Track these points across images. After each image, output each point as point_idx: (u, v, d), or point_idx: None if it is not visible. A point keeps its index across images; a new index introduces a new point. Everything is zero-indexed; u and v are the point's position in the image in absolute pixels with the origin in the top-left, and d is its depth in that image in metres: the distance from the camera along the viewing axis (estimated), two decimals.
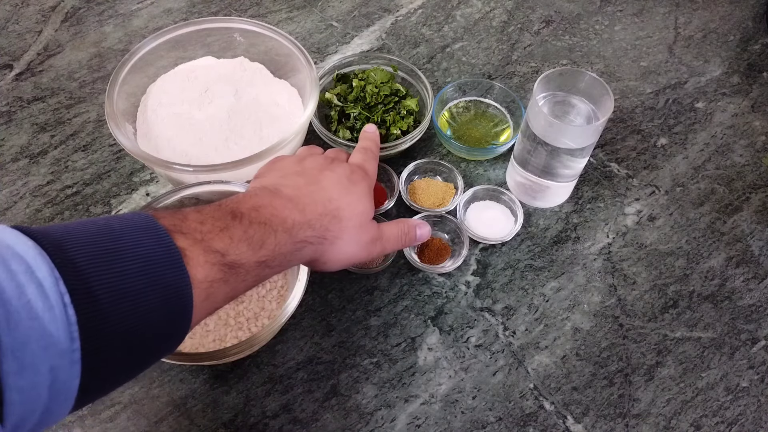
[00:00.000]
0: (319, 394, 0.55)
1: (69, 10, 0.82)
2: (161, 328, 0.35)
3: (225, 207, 0.41)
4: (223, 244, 0.38)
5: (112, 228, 0.34)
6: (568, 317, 0.60)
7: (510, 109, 0.72)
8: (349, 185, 0.49)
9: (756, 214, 0.67)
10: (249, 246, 0.40)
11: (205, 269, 0.36)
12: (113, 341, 0.32)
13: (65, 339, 0.29)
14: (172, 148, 0.63)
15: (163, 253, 0.35)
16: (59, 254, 0.31)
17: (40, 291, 0.29)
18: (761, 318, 0.61)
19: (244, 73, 0.69)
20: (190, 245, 0.36)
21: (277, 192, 0.46)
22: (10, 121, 0.71)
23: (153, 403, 0.54)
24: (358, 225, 0.48)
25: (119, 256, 0.33)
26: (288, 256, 0.43)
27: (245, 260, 0.39)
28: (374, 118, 0.68)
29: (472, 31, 0.82)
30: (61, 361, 0.29)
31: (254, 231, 0.41)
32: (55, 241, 0.31)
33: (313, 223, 0.45)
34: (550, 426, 0.55)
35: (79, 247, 0.32)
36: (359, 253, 0.49)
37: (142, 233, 0.35)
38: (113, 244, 0.33)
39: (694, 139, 0.73)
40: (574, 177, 0.64)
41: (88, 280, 0.31)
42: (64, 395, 0.30)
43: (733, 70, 0.79)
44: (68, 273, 0.30)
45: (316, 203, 0.46)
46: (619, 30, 0.83)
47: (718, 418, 0.55)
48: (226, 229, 0.39)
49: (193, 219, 0.38)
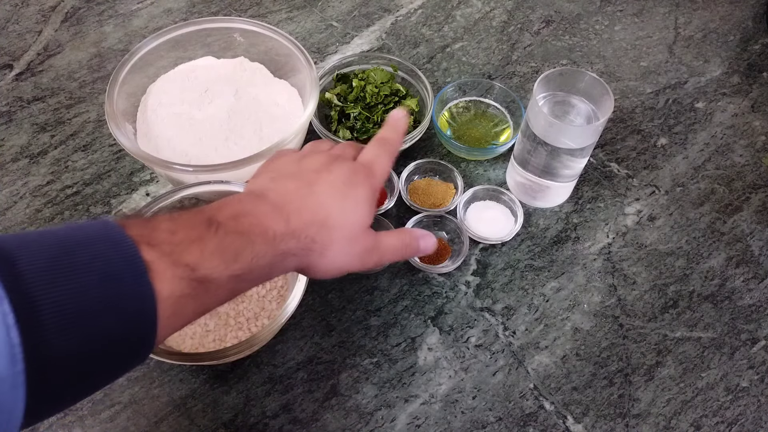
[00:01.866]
0: (319, 394, 0.55)
1: (69, 10, 0.82)
2: (121, 347, 0.33)
3: (202, 215, 0.39)
4: (193, 258, 0.35)
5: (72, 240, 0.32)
6: (568, 317, 0.60)
7: (510, 109, 0.72)
8: (346, 190, 0.45)
9: (756, 214, 0.67)
10: (222, 259, 0.37)
11: (172, 284, 0.34)
12: (63, 363, 0.30)
13: (7, 362, 0.27)
14: (172, 148, 0.63)
15: (126, 266, 0.32)
16: (8, 269, 0.29)
17: None
18: (761, 318, 0.61)
19: (244, 73, 0.69)
20: (157, 257, 0.34)
21: (262, 197, 0.43)
22: (10, 121, 0.71)
23: (153, 403, 0.54)
24: (350, 235, 0.44)
25: (75, 271, 0.31)
26: (268, 268, 0.40)
27: (217, 275, 0.37)
28: (374, 118, 0.68)
29: (472, 31, 0.82)
30: (1, 384, 0.28)
31: (230, 242, 0.38)
32: (6, 254, 0.30)
33: (298, 234, 0.42)
34: (550, 426, 0.55)
35: (32, 261, 0.30)
36: (351, 263, 0.45)
37: (105, 245, 0.33)
38: (70, 259, 0.31)
39: (694, 139, 0.73)
40: (574, 177, 0.64)
41: (36, 300, 0.29)
42: (6, 418, 0.29)
43: (733, 70, 0.79)
44: (14, 291, 0.28)
45: (303, 211, 0.42)
46: (619, 30, 0.83)
47: (718, 418, 0.55)
48: (198, 241, 0.36)
49: (164, 229, 0.36)
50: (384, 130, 0.51)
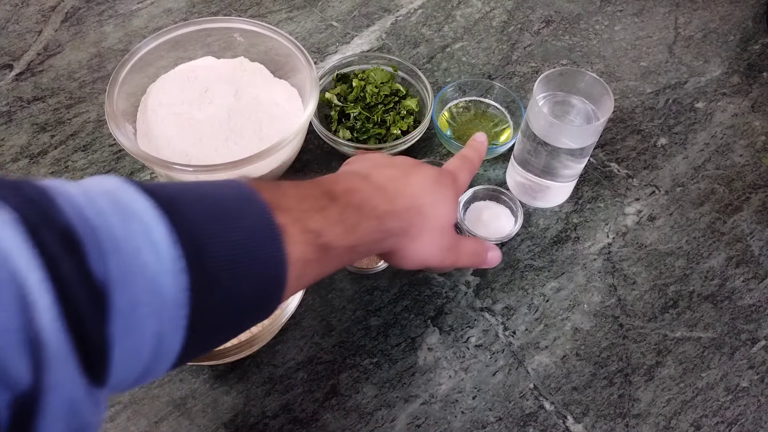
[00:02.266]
0: (319, 394, 0.55)
1: (69, 10, 0.82)
2: (256, 300, 0.34)
3: (321, 186, 0.41)
4: (319, 225, 0.38)
5: (220, 195, 0.34)
6: (568, 317, 0.60)
7: (510, 109, 0.72)
8: (436, 186, 0.48)
9: (756, 214, 0.67)
10: (344, 229, 0.39)
11: (301, 248, 0.36)
12: (217, 309, 0.31)
13: (175, 305, 0.29)
14: (172, 148, 0.63)
15: (265, 227, 0.34)
16: (176, 216, 0.30)
17: (155, 253, 0.28)
18: (761, 318, 0.61)
19: (244, 73, 0.69)
20: (289, 222, 0.36)
21: (368, 178, 0.45)
22: (10, 121, 0.71)
23: (153, 403, 0.54)
24: (440, 227, 0.47)
25: (228, 224, 0.32)
26: (373, 244, 0.43)
27: (338, 243, 0.39)
28: (374, 118, 0.68)
29: (472, 31, 0.82)
30: (167, 326, 0.29)
31: (348, 214, 0.40)
32: (172, 201, 0.30)
33: (401, 214, 0.44)
34: (550, 426, 0.55)
35: (193, 210, 0.31)
36: (435, 256, 0.48)
37: (246, 205, 0.34)
38: (222, 212, 0.33)
39: (694, 139, 0.73)
40: (574, 177, 0.64)
41: (201, 247, 0.30)
42: (164, 359, 0.30)
43: (733, 70, 0.79)
44: (183, 237, 0.29)
45: (404, 196, 0.45)
46: (619, 30, 0.83)
47: (718, 418, 0.55)
48: (323, 210, 0.39)
49: (292, 195, 0.38)
50: (466, 149, 0.55)
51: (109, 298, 0.26)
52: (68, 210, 0.27)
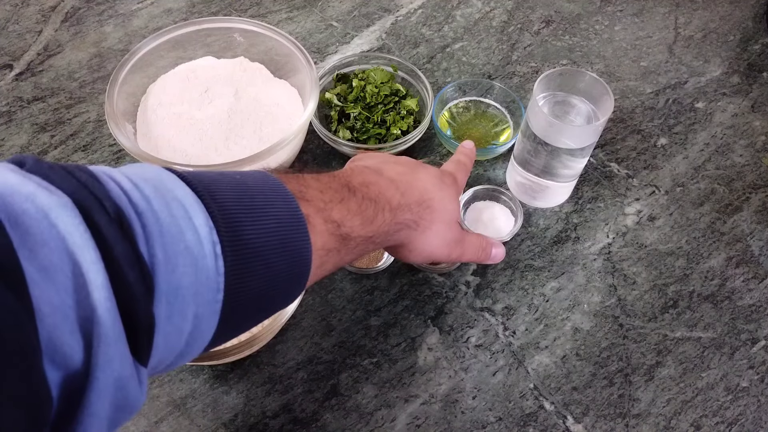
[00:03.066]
0: (319, 394, 0.55)
1: (69, 10, 0.82)
2: (282, 287, 0.35)
3: (339, 179, 0.42)
4: (340, 215, 0.39)
5: (249, 184, 0.35)
6: (568, 317, 0.60)
7: (510, 109, 0.72)
8: (441, 183, 0.50)
9: (756, 214, 0.67)
10: (362, 220, 0.41)
11: (323, 237, 0.37)
12: (248, 294, 0.32)
13: (212, 289, 0.30)
14: (172, 148, 0.63)
15: (291, 216, 0.35)
16: (212, 203, 0.31)
17: (195, 238, 0.29)
18: (761, 318, 0.61)
19: (244, 73, 0.69)
20: (313, 213, 0.37)
21: (380, 173, 0.47)
22: (10, 121, 0.72)
23: (153, 403, 0.54)
24: (447, 221, 0.49)
25: (258, 212, 0.33)
26: (387, 235, 0.44)
27: (356, 233, 0.40)
28: (374, 118, 0.68)
29: (472, 31, 0.82)
30: (205, 309, 0.30)
31: (366, 206, 0.42)
32: (207, 188, 0.32)
33: (412, 207, 0.46)
34: (550, 426, 0.55)
35: (227, 198, 0.32)
36: (442, 249, 0.49)
37: (273, 194, 0.35)
38: (252, 201, 0.34)
39: (694, 139, 0.73)
40: (574, 177, 0.64)
41: (236, 233, 0.31)
42: (200, 342, 0.31)
43: (733, 70, 0.79)
44: (220, 223, 0.30)
45: (414, 190, 0.47)
46: (619, 30, 0.83)
47: (718, 418, 0.55)
48: (343, 201, 0.40)
49: (314, 187, 0.39)
50: (457, 154, 0.57)
51: (156, 279, 0.27)
52: (117, 194, 0.28)
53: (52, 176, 0.27)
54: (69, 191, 0.26)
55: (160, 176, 0.31)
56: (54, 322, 0.24)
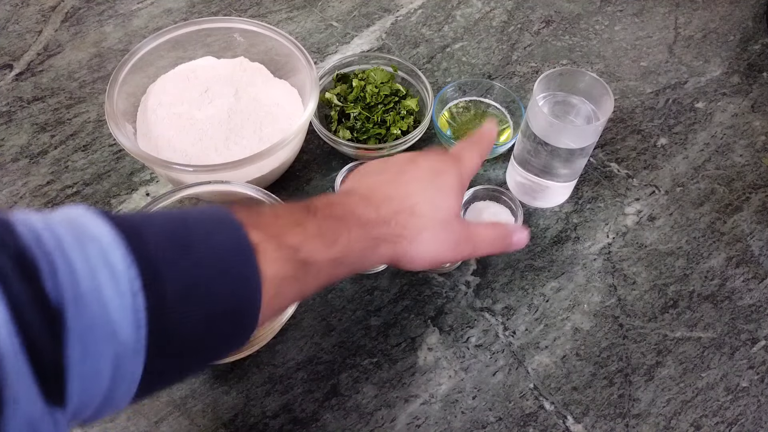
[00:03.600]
0: (319, 394, 0.55)
1: (69, 10, 0.82)
2: (227, 324, 0.34)
3: (299, 204, 0.41)
4: (296, 240, 0.37)
5: (188, 218, 0.34)
6: (568, 317, 0.60)
7: (510, 109, 0.72)
8: (433, 177, 0.46)
9: (756, 214, 0.67)
10: (323, 242, 0.39)
11: (276, 265, 0.35)
12: (179, 332, 0.31)
13: (132, 327, 0.29)
14: (172, 148, 0.63)
15: (235, 245, 0.34)
16: (135, 239, 0.30)
17: (111, 276, 0.28)
18: (761, 318, 0.61)
19: (244, 73, 0.69)
20: (263, 239, 0.35)
21: (350, 192, 0.45)
22: (10, 121, 0.72)
23: (153, 403, 0.54)
24: (440, 222, 0.45)
25: (193, 245, 0.32)
26: (363, 253, 0.42)
27: (318, 257, 0.38)
28: (374, 118, 0.68)
29: (472, 31, 0.82)
30: (125, 349, 0.29)
31: (327, 226, 0.39)
32: (133, 226, 0.31)
33: (388, 220, 0.43)
34: (550, 426, 0.55)
35: (155, 233, 0.32)
36: (443, 252, 0.45)
37: (217, 225, 0.34)
38: (188, 234, 0.33)
39: (694, 139, 0.73)
40: (574, 177, 0.64)
41: (160, 268, 0.30)
42: (127, 384, 0.30)
43: (733, 70, 0.79)
44: (141, 258, 0.30)
45: (391, 199, 0.44)
46: (619, 30, 0.83)
47: (718, 418, 0.55)
48: (300, 224, 0.38)
49: (268, 213, 0.39)
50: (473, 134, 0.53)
51: (64, 321, 0.27)
52: (26, 235, 0.28)
53: None
54: None
55: (81, 217, 0.30)
56: None
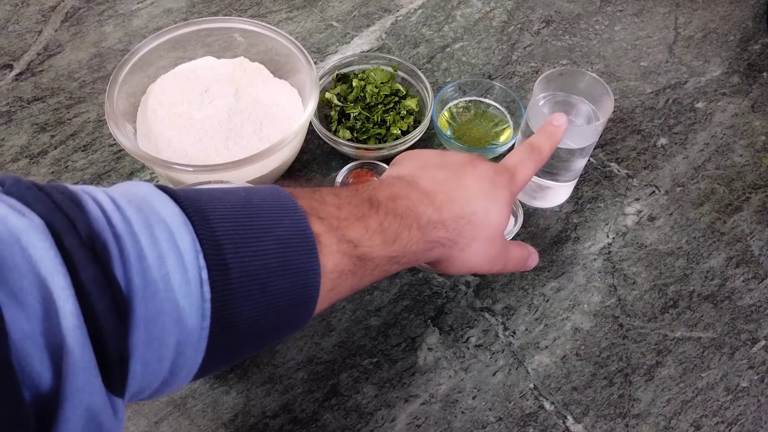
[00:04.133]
0: (319, 394, 0.55)
1: (69, 10, 0.82)
2: (285, 313, 0.33)
3: (362, 193, 0.40)
4: (357, 234, 0.36)
5: (252, 203, 0.33)
6: (568, 317, 0.60)
7: (510, 109, 0.72)
8: (491, 189, 0.44)
9: (756, 214, 0.67)
10: (383, 239, 0.38)
11: (335, 258, 0.35)
12: (240, 321, 0.31)
13: (197, 316, 0.28)
14: (172, 148, 0.63)
15: (299, 237, 0.33)
16: (202, 225, 0.30)
17: (179, 263, 0.28)
18: (761, 318, 0.61)
19: (244, 73, 0.69)
20: (325, 231, 0.35)
21: (413, 184, 0.43)
22: (10, 121, 0.72)
23: (153, 403, 0.54)
24: (490, 236, 0.44)
25: (257, 234, 0.32)
26: (417, 254, 0.41)
27: (377, 254, 0.38)
28: (374, 118, 0.68)
29: (472, 31, 0.82)
30: (188, 337, 0.28)
31: (389, 223, 0.38)
32: (200, 210, 0.30)
33: (448, 224, 0.42)
34: (550, 426, 0.55)
35: (221, 219, 0.31)
36: (483, 264, 0.45)
37: (281, 212, 0.34)
38: (252, 221, 0.32)
39: (694, 139, 0.73)
40: (574, 177, 0.64)
41: (226, 257, 0.30)
42: (186, 370, 0.30)
43: (733, 70, 0.79)
44: (208, 247, 0.29)
45: (454, 202, 0.42)
46: (619, 30, 0.83)
47: (718, 418, 0.55)
48: (362, 218, 0.37)
49: (330, 203, 0.37)
50: (537, 135, 0.50)
51: (132, 307, 0.26)
52: (96, 217, 0.27)
53: (27, 197, 0.26)
54: (42, 213, 0.26)
55: (148, 196, 0.30)
56: (24, 348, 0.23)
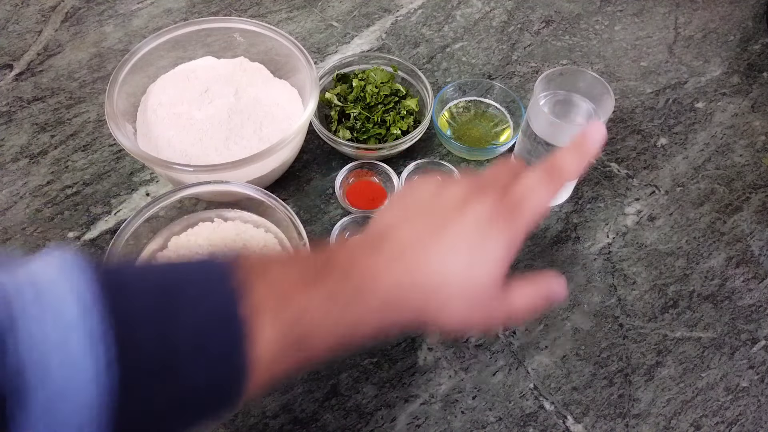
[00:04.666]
0: (319, 394, 0.55)
1: (69, 10, 0.82)
2: (204, 399, 0.31)
3: (318, 258, 0.37)
4: (299, 307, 0.33)
5: (183, 277, 0.31)
6: (568, 317, 0.60)
7: (510, 109, 0.72)
8: (478, 240, 0.37)
9: (756, 214, 0.67)
10: (327, 312, 0.34)
11: (272, 334, 0.32)
12: (148, 411, 0.30)
13: (97, 405, 0.27)
14: (172, 148, 0.63)
15: (222, 320, 0.31)
16: (115, 303, 0.28)
17: (81, 348, 0.27)
18: (761, 318, 0.61)
19: (244, 73, 0.69)
20: (261, 305, 0.32)
21: (377, 248, 0.37)
22: (10, 121, 0.71)
23: None
24: (472, 294, 0.37)
25: (179, 313, 0.30)
26: (378, 325, 0.37)
27: (322, 330, 0.34)
28: (374, 118, 0.68)
29: (472, 31, 0.82)
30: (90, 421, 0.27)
31: (340, 290, 0.35)
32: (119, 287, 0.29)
33: (416, 289, 0.37)
34: (550, 426, 0.55)
35: (140, 297, 0.30)
36: (473, 320, 0.39)
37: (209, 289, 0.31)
38: (175, 298, 0.30)
39: (694, 139, 0.73)
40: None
41: (135, 340, 0.28)
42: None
43: (733, 70, 0.79)
44: (117, 330, 0.28)
45: (427, 263, 0.37)
46: (619, 30, 0.83)
47: (718, 418, 0.55)
48: (309, 286, 0.34)
49: (275, 270, 0.34)
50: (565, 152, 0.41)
51: (27, 394, 0.26)
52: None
53: None
54: None
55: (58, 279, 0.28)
56: None
